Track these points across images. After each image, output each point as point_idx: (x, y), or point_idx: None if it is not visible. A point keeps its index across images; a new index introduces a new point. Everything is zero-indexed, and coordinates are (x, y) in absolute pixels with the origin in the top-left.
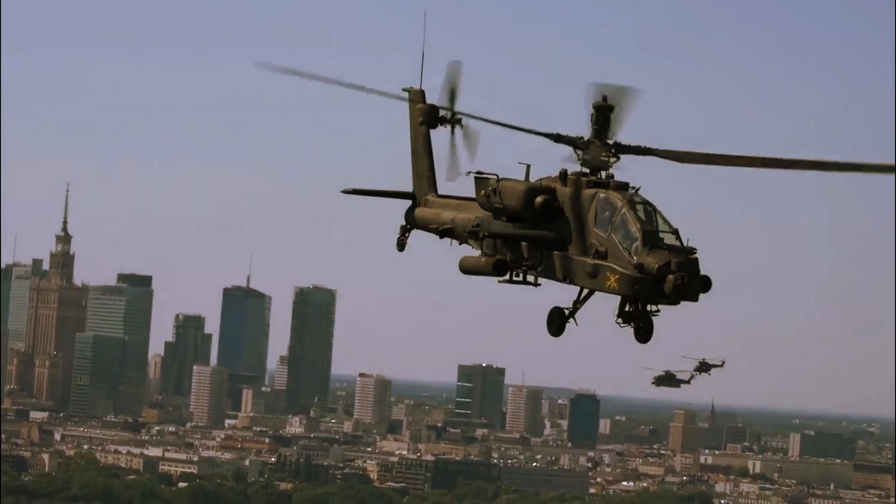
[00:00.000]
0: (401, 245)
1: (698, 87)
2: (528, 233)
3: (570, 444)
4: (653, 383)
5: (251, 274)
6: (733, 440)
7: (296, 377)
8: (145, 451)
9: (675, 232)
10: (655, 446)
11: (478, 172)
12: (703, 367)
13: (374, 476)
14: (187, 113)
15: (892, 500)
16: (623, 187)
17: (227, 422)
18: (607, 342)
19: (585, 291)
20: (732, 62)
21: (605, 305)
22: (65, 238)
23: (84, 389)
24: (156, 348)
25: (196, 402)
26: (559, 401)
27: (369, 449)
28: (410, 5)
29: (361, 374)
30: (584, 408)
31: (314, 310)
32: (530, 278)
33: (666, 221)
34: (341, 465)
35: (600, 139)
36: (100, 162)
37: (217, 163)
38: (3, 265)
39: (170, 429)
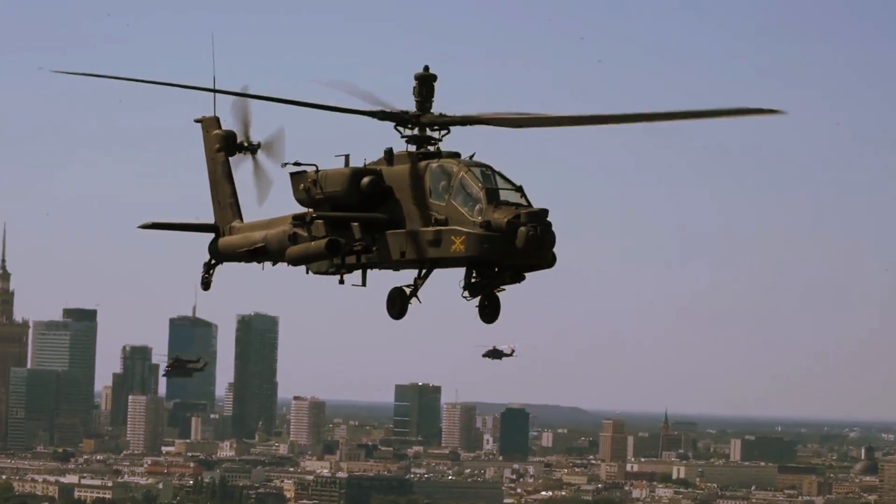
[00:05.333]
0: (205, 284)
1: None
2: (359, 214)
3: (501, 458)
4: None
5: (197, 304)
6: (670, 448)
7: (242, 403)
8: (61, 479)
9: (520, 189)
10: (590, 457)
11: (294, 163)
12: (177, 363)
13: (290, 495)
14: (122, 144)
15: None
16: (454, 156)
17: (165, 449)
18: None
19: (426, 270)
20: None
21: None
22: (3, 276)
23: (20, 423)
24: (106, 380)
25: (132, 431)
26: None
27: (292, 469)
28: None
29: (296, 398)
30: (515, 422)
31: (257, 337)
32: (361, 270)
33: (507, 180)
34: (257, 485)
35: (425, 111)
36: (36, 199)
37: (154, 193)
38: None
39: (98, 457)
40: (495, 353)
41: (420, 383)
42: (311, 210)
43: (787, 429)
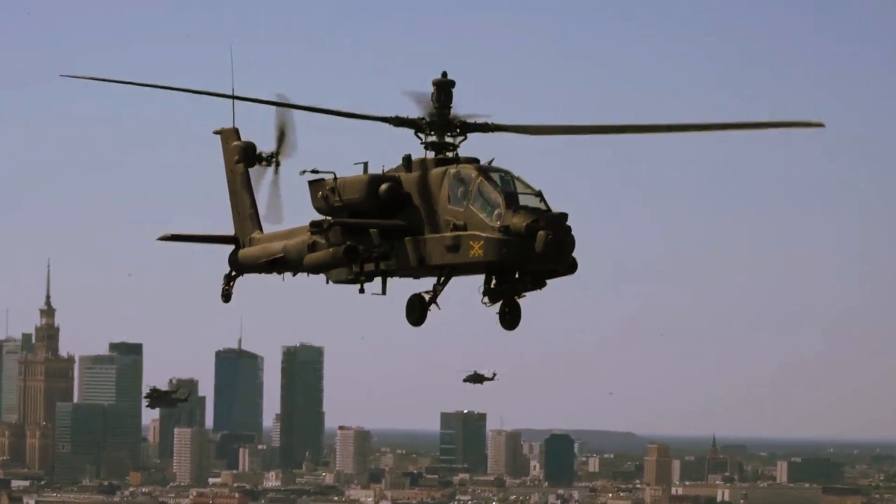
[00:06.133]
0: (226, 296)
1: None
2: (378, 221)
3: (546, 484)
4: None
5: (242, 336)
6: (716, 471)
7: (289, 434)
8: None
9: (539, 194)
10: (636, 481)
11: (312, 170)
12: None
13: None
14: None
15: None
16: (473, 161)
17: (212, 480)
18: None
19: (444, 277)
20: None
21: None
22: (48, 311)
23: (67, 457)
24: (152, 413)
25: (178, 463)
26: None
27: (336, 498)
28: (219, 45)
29: (341, 427)
30: (561, 447)
31: (303, 367)
32: (380, 278)
33: (527, 185)
34: None
35: (443, 117)
36: (79, 234)
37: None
38: None
39: (144, 490)
40: (476, 378)
41: (465, 411)
42: (328, 217)
43: (839, 450)
